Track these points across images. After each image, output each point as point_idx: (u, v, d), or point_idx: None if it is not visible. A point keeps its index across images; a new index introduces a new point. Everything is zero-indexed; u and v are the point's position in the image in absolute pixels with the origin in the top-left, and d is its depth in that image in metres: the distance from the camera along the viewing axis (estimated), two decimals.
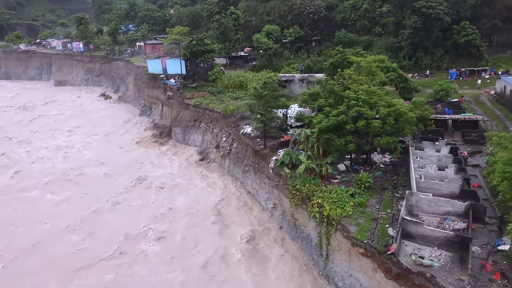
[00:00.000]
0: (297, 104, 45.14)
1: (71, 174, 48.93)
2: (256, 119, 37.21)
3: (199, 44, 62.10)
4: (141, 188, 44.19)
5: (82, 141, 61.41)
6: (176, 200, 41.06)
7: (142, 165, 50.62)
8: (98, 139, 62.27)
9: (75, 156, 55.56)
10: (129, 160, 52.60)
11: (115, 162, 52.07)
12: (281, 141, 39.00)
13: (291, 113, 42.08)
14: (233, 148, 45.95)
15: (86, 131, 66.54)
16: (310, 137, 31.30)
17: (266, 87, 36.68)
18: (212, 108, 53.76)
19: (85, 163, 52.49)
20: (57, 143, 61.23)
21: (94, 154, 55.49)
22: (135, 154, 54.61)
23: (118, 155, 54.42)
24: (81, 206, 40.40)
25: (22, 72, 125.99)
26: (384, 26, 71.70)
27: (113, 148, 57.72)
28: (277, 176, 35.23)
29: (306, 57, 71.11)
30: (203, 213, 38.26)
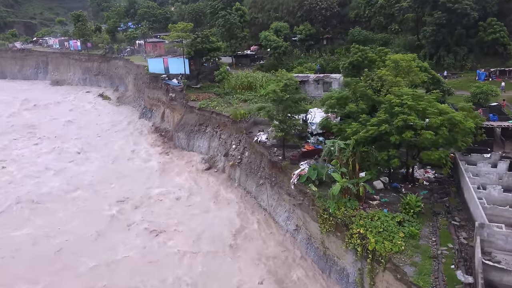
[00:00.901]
0: (316, 108, 39.75)
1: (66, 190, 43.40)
2: (275, 126, 31.61)
3: (204, 41, 56.48)
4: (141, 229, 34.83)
5: (71, 153, 53.99)
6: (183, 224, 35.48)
7: (147, 179, 44.83)
8: (93, 155, 52.44)
9: (67, 172, 49.54)
10: (128, 171, 47.06)
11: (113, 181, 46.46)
12: (302, 151, 33.50)
13: (311, 118, 36.59)
14: (245, 158, 40.41)
15: (78, 139, 60.56)
16: (344, 150, 25.80)
17: (286, 89, 31.14)
18: (219, 111, 48.18)
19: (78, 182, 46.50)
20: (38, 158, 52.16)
21: (88, 170, 47.84)
22: (136, 166, 49.06)
23: (120, 174, 48.10)
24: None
25: (18, 71, 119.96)
26: (401, 23, 66.22)
27: (112, 165, 48.98)
28: (300, 194, 29.74)
29: (318, 56, 65.56)
30: (214, 236, 32.78)
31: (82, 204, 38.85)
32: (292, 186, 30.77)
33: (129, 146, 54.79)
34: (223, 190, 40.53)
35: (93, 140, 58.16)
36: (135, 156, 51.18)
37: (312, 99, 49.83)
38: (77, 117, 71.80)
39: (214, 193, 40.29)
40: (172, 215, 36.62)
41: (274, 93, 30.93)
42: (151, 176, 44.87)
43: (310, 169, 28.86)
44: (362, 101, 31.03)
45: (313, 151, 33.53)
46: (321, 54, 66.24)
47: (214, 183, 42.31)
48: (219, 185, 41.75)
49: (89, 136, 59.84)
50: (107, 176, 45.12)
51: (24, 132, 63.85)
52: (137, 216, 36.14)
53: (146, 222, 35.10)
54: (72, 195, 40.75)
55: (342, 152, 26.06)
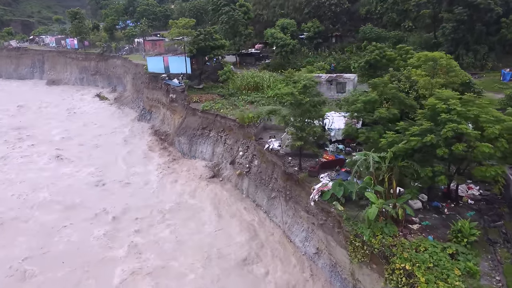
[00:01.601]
0: (333, 112, 35.41)
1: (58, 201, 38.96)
2: (293, 134, 27.14)
3: (207, 38, 52.04)
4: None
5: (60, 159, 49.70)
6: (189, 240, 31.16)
7: (145, 190, 40.54)
8: (83, 162, 47.56)
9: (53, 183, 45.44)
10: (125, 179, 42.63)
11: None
12: (322, 161, 29.11)
13: (329, 123, 32.22)
14: (254, 166, 36.01)
15: (69, 142, 56.18)
16: (379, 165, 21.40)
17: (305, 91, 26.75)
18: (224, 114, 43.77)
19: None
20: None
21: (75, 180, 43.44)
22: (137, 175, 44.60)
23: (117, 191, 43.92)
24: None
25: (13, 70, 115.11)
26: (415, 20, 61.79)
27: (106, 175, 43.52)
28: (322, 213, 25.36)
29: (327, 55, 61.14)
30: (221, 255, 28.44)
31: (65, 230, 34.41)
32: (312, 203, 26.40)
33: (126, 151, 50.26)
34: (229, 202, 36.14)
35: (86, 144, 53.57)
36: (132, 162, 46.68)
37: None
38: (72, 119, 67.23)
39: (219, 205, 35.91)
40: (172, 231, 32.31)
41: (291, 96, 26.50)
42: (149, 186, 40.44)
43: (335, 185, 24.46)
44: (393, 105, 26.68)
45: (333, 161, 29.17)
46: (330, 53, 61.81)
47: (219, 194, 37.88)
48: (225, 196, 37.34)
49: (82, 140, 55.23)
50: (96, 191, 40.05)
51: (11, 135, 59.15)
52: (136, 238, 31.74)
53: (138, 236, 30.87)
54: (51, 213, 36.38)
55: (376, 167, 21.70)
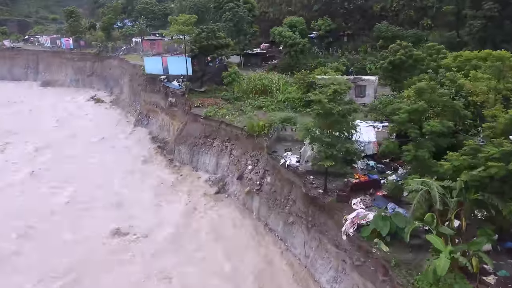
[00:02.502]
0: (358, 121, 29.90)
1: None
2: (321, 152, 21.50)
3: (210, 37, 46.53)
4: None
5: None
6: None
7: (139, 208, 35.07)
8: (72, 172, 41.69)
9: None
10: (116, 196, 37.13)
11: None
12: (353, 183, 23.65)
13: (356, 135, 26.69)
14: (266, 184, 30.51)
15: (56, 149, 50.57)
16: (443, 197, 15.94)
17: (335, 99, 21.30)
18: (230, 121, 38.33)
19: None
20: None
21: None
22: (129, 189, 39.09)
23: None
24: None
25: (7, 71, 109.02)
26: (434, 17, 56.52)
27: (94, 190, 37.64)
28: (359, 251, 19.91)
29: (340, 55, 55.72)
30: None
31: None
32: (345, 237, 20.99)
33: (119, 162, 44.66)
34: (237, 224, 30.73)
35: (77, 152, 47.95)
36: (125, 174, 41.13)
37: None
38: (65, 123, 61.59)
39: (225, 227, 30.51)
40: (169, 257, 26.97)
41: (319, 104, 20.98)
42: (143, 203, 34.95)
43: (377, 219, 19.04)
44: (443, 115, 21.26)
45: (366, 183, 23.73)
46: (343, 53, 56.39)
47: (225, 214, 32.49)
48: (232, 217, 31.95)
49: (73, 147, 49.61)
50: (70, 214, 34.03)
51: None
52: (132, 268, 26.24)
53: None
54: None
55: (433, 197, 16.25)
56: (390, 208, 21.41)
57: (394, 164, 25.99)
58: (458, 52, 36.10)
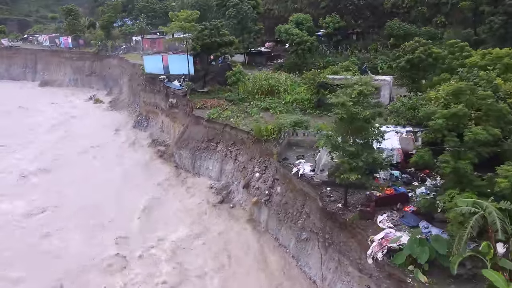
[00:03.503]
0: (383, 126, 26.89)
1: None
2: (344, 163, 18.40)
3: (214, 34, 43.61)
4: None
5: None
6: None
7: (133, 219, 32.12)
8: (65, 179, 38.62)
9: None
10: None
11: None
12: (377, 196, 20.67)
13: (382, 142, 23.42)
14: (276, 195, 27.55)
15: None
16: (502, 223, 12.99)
17: (360, 101, 18.34)
18: (235, 124, 35.39)
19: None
20: None
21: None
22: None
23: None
24: None
25: (5, 70, 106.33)
26: (447, 14, 53.50)
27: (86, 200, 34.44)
28: (389, 279, 16.98)
29: (350, 53, 52.72)
30: None
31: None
32: (371, 261, 18.06)
33: (115, 166, 41.82)
34: (244, 239, 27.79)
35: (71, 157, 45.01)
36: (121, 185, 37.91)
37: None
38: (62, 125, 58.63)
39: (229, 243, 27.60)
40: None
41: (342, 108, 17.98)
42: (137, 213, 32.04)
43: (412, 243, 16.09)
44: (487, 120, 18.29)
45: (393, 197, 20.75)
46: (352, 51, 53.39)
47: (229, 227, 29.55)
48: (237, 229, 29.03)
49: (66, 153, 46.52)
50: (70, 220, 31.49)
51: None
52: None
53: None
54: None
55: (493, 224, 13.32)
56: (423, 227, 18.51)
57: (420, 174, 23.03)
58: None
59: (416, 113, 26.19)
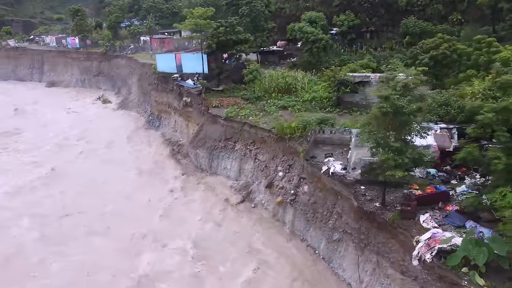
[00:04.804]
0: None
1: None
2: (389, 160, 17.40)
3: (229, 32, 42.78)
4: None
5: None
6: None
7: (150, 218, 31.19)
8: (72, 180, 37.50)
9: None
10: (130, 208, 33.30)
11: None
12: (417, 195, 19.72)
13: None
14: (303, 194, 26.62)
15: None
16: None
17: (405, 95, 17.42)
18: (254, 122, 34.49)
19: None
20: None
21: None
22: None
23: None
24: None
25: (11, 71, 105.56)
26: (463, 12, 52.63)
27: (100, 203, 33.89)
28: (440, 282, 16.03)
29: (365, 52, 51.83)
30: None
31: None
32: (416, 262, 17.11)
33: (130, 165, 40.92)
34: (269, 239, 26.84)
35: (80, 158, 44.11)
36: (139, 180, 37.41)
37: (372, 105, 36.31)
38: (70, 126, 57.75)
39: (254, 243, 26.66)
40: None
41: (386, 101, 17.05)
42: (155, 213, 31.15)
43: (467, 243, 15.14)
44: None
45: (434, 195, 19.81)
46: (367, 50, 52.50)
47: (252, 227, 28.61)
48: (261, 229, 28.08)
49: (75, 153, 45.58)
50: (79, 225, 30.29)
51: None
52: None
53: None
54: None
55: None
56: (469, 227, 17.55)
57: (458, 173, 22.10)
58: None
59: (449, 109, 25.27)
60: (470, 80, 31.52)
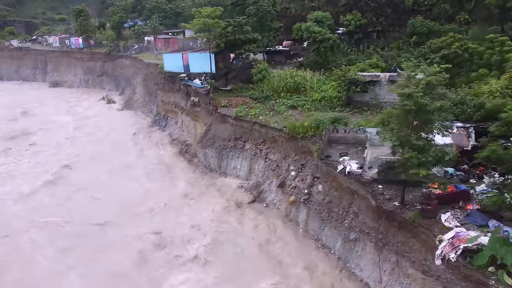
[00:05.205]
0: None
1: None
2: (412, 158, 17.10)
3: (238, 31, 42.61)
4: None
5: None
6: None
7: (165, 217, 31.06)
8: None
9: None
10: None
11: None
12: (437, 194, 19.55)
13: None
14: (317, 193, 26.41)
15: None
16: None
17: (428, 93, 17.24)
18: (265, 122, 34.32)
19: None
20: None
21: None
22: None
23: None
24: None
25: (15, 71, 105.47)
26: (471, 12, 52.46)
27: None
28: (465, 281, 15.86)
29: (372, 51, 51.65)
30: None
31: None
32: (439, 261, 16.92)
33: (138, 166, 40.75)
34: (282, 238, 26.66)
35: (89, 159, 43.87)
36: (148, 181, 37.24)
37: (382, 105, 36.23)
38: (77, 127, 57.51)
39: (267, 242, 26.48)
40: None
41: (409, 99, 16.87)
42: (170, 212, 30.98)
43: (494, 243, 14.96)
44: None
45: (454, 194, 19.63)
46: (375, 49, 52.33)
47: (265, 226, 28.42)
48: (273, 228, 27.89)
49: (82, 153, 45.40)
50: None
51: None
52: None
53: None
54: None
55: None
56: (492, 226, 17.38)
57: (476, 172, 21.93)
58: None
59: (464, 108, 25.11)
60: (482, 79, 31.47)
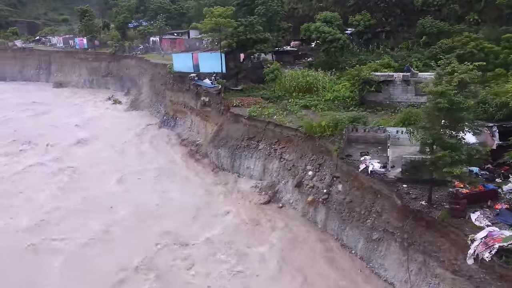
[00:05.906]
0: None
1: None
2: (445, 157, 16.83)
3: (249, 30, 42.46)
4: None
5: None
6: None
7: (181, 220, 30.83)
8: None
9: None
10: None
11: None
12: (466, 193, 19.36)
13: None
14: (337, 193, 26.18)
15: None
16: None
17: (463, 90, 17.06)
18: (279, 121, 34.13)
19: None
20: None
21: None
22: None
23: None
24: None
25: (18, 71, 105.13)
26: (481, 12, 52.35)
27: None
28: (501, 281, 15.67)
29: (382, 52, 51.53)
30: None
31: None
32: (471, 261, 16.73)
33: (150, 166, 40.44)
34: (301, 239, 26.42)
35: (96, 160, 43.61)
36: (160, 180, 36.97)
37: (396, 105, 36.17)
38: (84, 127, 57.11)
39: (288, 242, 26.23)
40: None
41: (443, 97, 16.66)
42: (188, 213, 30.73)
43: None
44: None
45: (483, 194, 19.45)
46: (385, 49, 52.23)
47: (282, 226, 28.17)
48: (291, 228, 27.65)
49: (88, 154, 45.10)
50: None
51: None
52: None
53: None
54: None
55: None
56: None
57: (501, 171, 21.76)
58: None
59: (486, 108, 24.97)
60: (498, 79, 31.32)
